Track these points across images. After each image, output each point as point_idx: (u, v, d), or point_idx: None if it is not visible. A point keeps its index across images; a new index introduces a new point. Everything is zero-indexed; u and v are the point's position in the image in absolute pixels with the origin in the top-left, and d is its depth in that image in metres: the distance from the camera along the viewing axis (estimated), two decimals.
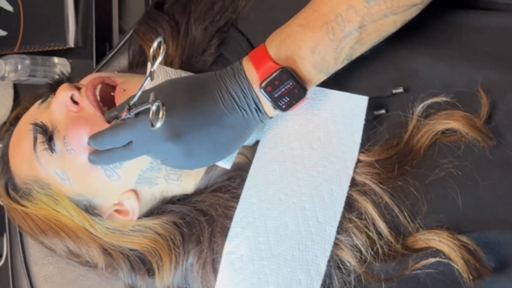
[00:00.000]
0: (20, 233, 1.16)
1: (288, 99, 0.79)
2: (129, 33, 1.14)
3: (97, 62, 1.32)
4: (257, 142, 0.91)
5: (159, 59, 0.76)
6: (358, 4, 0.76)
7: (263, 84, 0.78)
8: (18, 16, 1.41)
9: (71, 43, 1.39)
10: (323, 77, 0.81)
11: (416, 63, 0.85)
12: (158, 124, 0.74)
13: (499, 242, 0.79)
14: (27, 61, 1.37)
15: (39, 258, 1.14)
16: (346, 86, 0.85)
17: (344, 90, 0.86)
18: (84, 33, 1.40)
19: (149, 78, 0.78)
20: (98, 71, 1.18)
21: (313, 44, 0.78)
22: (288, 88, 0.78)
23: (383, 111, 0.85)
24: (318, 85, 0.82)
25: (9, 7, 1.42)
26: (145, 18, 1.04)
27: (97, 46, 1.40)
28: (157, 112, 0.74)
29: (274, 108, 0.80)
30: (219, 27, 0.98)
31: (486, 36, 0.85)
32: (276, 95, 0.78)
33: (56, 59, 1.41)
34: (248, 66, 0.79)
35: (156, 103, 0.74)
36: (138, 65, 1.06)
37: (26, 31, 1.40)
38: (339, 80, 0.84)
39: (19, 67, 1.36)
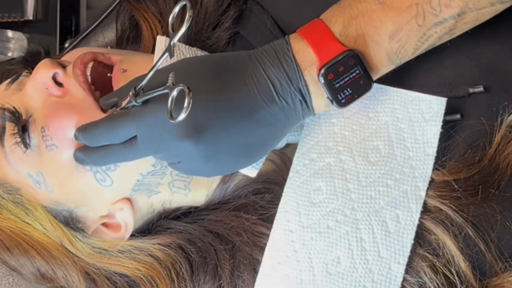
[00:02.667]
0: None
1: (350, 91, 0.65)
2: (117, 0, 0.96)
3: (62, 39, 1.27)
4: (287, 146, 0.75)
5: (183, 29, 0.61)
6: None
7: (324, 70, 0.63)
8: None
9: (29, 14, 1.28)
10: (391, 67, 0.67)
11: (500, 56, 0.70)
12: (182, 116, 0.58)
13: None
14: (9, 34, 1.27)
15: None
16: (410, 83, 0.70)
17: (407, 88, 0.70)
18: (45, 4, 1.29)
19: (166, 54, 0.62)
20: (71, 49, 0.98)
21: (395, 28, 0.63)
22: (354, 77, 0.64)
23: (457, 116, 0.70)
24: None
25: None
26: None
27: (61, 19, 1.29)
28: (178, 99, 0.59)
29: (332, 102, 0.65)
30: None
31: None
32: (337, 85, 0.64)
33: (10, 33, 1.29)
34: (300, 45, 0.65)
35: (179, 87, 0.59)
36: (129, 42, 0.89)
37: None
38: (400, 74, 0.69)
39: None
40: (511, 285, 0.65)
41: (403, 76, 0.70)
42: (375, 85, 0.67)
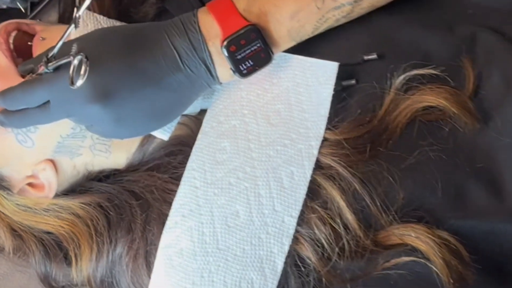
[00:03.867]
0: None
1: (251, 63, 0.69)
2: None
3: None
4: (202, 112, 0.79)
5: (87, 2, 0.63)
6: None
7: (226, 42, 0.67)
8: None
9: None
10: (293, 44, 0.71)
11: (393, 27, 0.74)
12: (79, 83, 0.62)
13: (472, 233, 0.69)
14: None
15: None
16: (311, 51, 0.74)
17: (308, 55, 0.74)
18: None
19: (72, 25, 0.65)
20: None
21: (296, 9, 0.68)
22: (255, 50, 0.69)
23: (353, 81, 0.73)
24: None
25: None
26: None
27: None
28: (79, 67, 0.63)
29: (234, 72, 0.69)
30: None
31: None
32: (239, 56, 0.68)
33: None
34: (206, 18, 0.69)
35: (79, 56, 0.63)
36: (69, 20, 0.91)
37: None
38: (303, 44, 0.73)
39: None
40: (396, 237, 0.68)
41: (306, 45, 0.73)
42: (277, 55, 0.71)
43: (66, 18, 0.93)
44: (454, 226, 0.69)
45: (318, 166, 0.71)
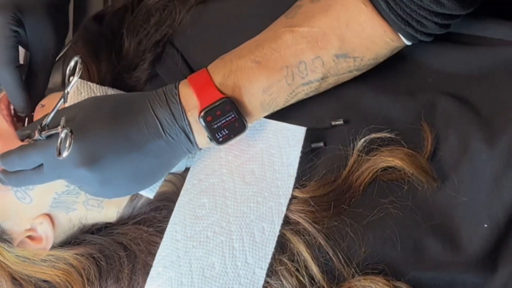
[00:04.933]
0: None
1: (226, 132, 0.75)
2: (66, 47, 1.06)
3: None
4: (187, 170, 0.85)
5: (74, 79, 0.70)
6: (327, 57, 0.73)
7: (203, 113, 0.73)
8: None
9: None
10: (266, 114, 0.77)
11: (359, 94, 0.80)
12: (65, 154, 0.68)
13: (434, 283, 0.74)
14: None
15: None
16: (285, 115, 0.80)
17: (282, 120, 0.80)
18: None
19: (61, 100, 0.72)
20: None
21: (268, 84, 0.74)
22: (229, 120, 0.74)
23: (321, 144, 0.79)
24: None
25: None
26: (82, 31, 0.98)
27: None
28: (65, 139, 0.68)
29: (210, 140, 0.75)
30: (154, 41, 0.92)
31: (429, 67, 0.81)
32: (215, 126, 0.74)
33: None
34: (187, 91, 0.75)
35: (65, 130, 0.68)
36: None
37: None
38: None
39: None
40: None
41: (281, 110, 0.78)
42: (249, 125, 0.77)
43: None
44: (415, 277, 0.74)
45: (287, 222, 0.76)
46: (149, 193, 0.82)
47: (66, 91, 0.71)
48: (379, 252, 0.74)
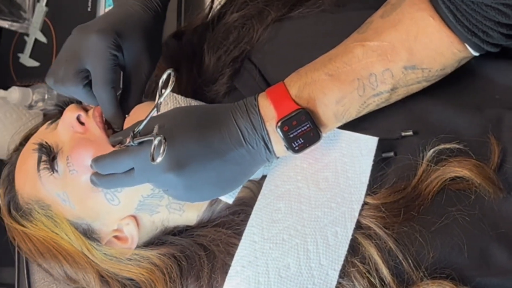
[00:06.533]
0: (26, 262, 1.15)
1: (302, 141, 0.78)
2: None
3: None
4: (263, 177, 0.89)
5: (167, 91, 0.76)
6: (396, 69, 0.76)
7: (280, 123, 0.77)
8: (51, 48, 1.45)
9: None
10: (339, 124, 0.81)
11: (428, 107, 0.83)
12: (159, 159, 0.73)
13: None
14: (55, 92, 1.39)
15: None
16: (357, 126, 0.84)
17: (355, 131, 0.84)
18: None
19: (155, 110, 0.78)
20: None
21: (340, 96, 0.78)
22: (305, 130, 0.78)
23: (391, 154, 0.83)
24: None
25: (43, 39, 1.47)
26: (164, 48, 1.04)
27: None
28: (158, 146, 0.73)
29: (287, 148, 0.79)
30: (233, 57, 0.98)
31: (497, 84, 0.84)
32: (291, 135, 0.78)
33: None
34: (265, 102, 0.79)
35: (158, 138, 0.73)
36: (153, 94, 1.04)
37: None
38: (350, 121, 0.83)
39: (46, 96, 1.39)
40: None
41: (353, 121, 0.82)
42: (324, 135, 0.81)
43: (150, 93, 1.05)
44: (481, 284, 0.77)
45: (359, 226, 0.81)
46: (228, 198, 0.87)
47: (159, 102, 0.77)
48: (446, 258, 0.78)
